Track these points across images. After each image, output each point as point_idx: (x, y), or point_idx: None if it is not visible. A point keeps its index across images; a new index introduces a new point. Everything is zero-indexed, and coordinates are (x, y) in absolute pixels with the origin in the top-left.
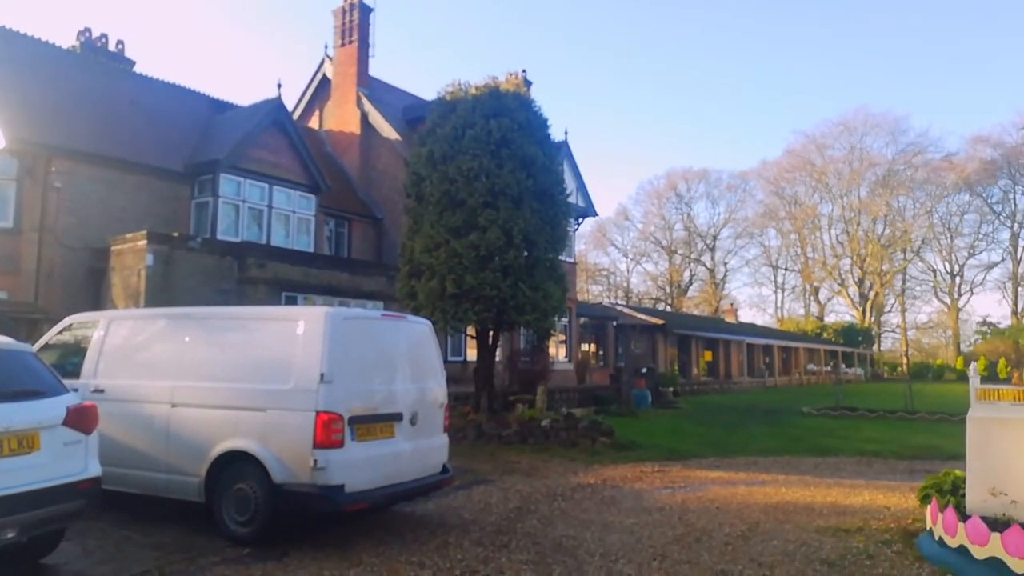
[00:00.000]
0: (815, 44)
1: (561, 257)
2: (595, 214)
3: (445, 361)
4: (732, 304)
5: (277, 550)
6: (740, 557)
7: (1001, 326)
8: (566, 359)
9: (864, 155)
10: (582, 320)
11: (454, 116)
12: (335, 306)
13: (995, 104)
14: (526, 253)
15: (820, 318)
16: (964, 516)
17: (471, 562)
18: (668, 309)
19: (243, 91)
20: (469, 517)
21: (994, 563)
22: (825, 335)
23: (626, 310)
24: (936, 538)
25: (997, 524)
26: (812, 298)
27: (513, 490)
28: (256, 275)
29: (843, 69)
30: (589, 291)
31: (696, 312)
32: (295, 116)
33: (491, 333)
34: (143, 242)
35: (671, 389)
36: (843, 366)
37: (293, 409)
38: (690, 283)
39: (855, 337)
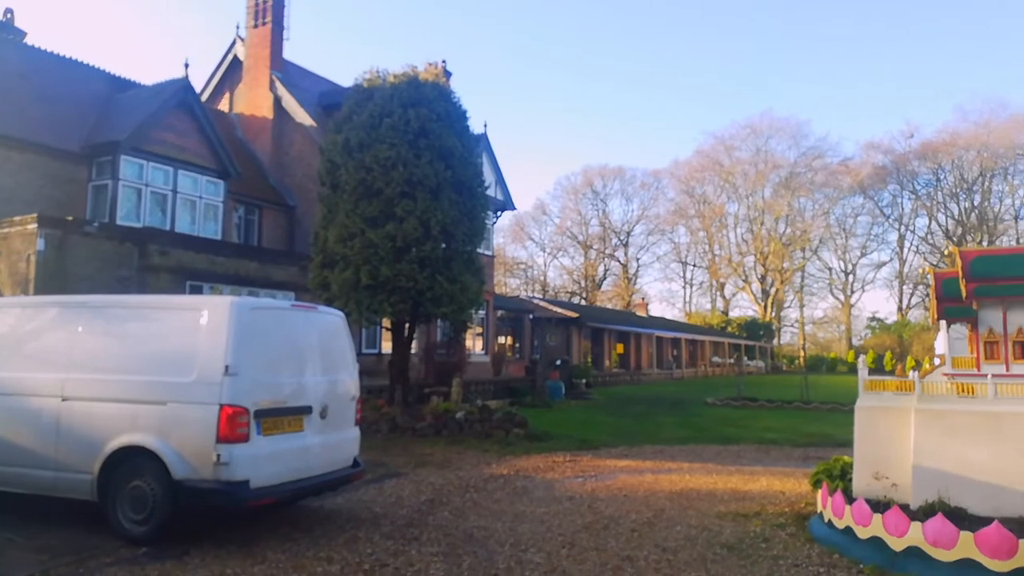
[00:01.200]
0: (727, 48)
1: (479, 250)
2: (513, 208)
3: (359, 353)
4: (643, 298)
5: (176, 549)
6: (645, 543)
7: (888, 322)
8: (483, 351)
9: (768, 157)
10: (499, 313)
11: (371, 104)
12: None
13: (888, 113)
14: (444, 245)
15: (725, 313)
16: (851, 499)
17: (381, 556)
18: (583, 303)
19: (146, 70)
20: (380, 511)
21: (875, 542)
22: (729, 329)
23: (543, 303)
24: (826, 520)
25: (879, 506)
26: (718, 293)
27: (426, 483)
28: (159, 263)
29: (753, 73)
30: (507, 284)
31: (609, 306)
32: (203, 98)
33: (407, 325)
34: (33, 226)
35: (584, 381)
36: (745, 358)
37: (195, 402)
38: (604, 277)
39: (757, 331)
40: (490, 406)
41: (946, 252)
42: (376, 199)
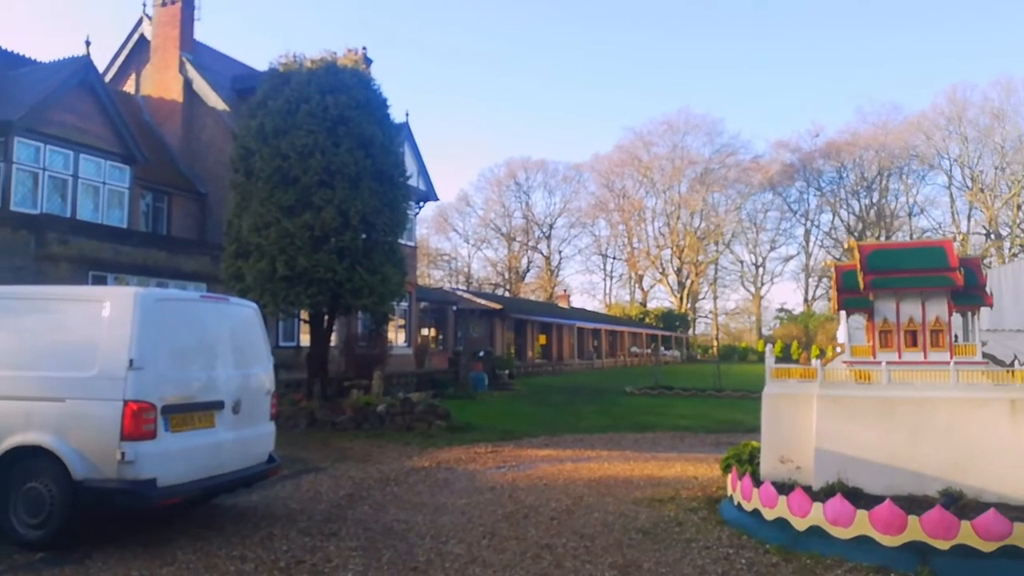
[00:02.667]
0: (646, 44)
1: (401, 240)
2: (436, 198)
3: (276, 346)
4: (565, 290)
5: (77, 552)
6: (564, 530)
7: (795, 313)
8: (405, 344)
9: (685, 153)
10: (422, 304)
11: (288, 89)
12: (150, 287)
13: (796, 113)
14: (364, 235)
15: (643, 304)
16: (758, 483)
17: (297, 552)
18: (507, 294)
19: (40, 48)
20: (297, 507)
21: (780, 522)
22: (647, 320)
23: (466, 295)
24: (735, 504)
25: (785, 488)
26: (637, 285)
27: (345, 477)
28: (58, 252)
29: (670, 71)
30: (430, 276)
31: (533, 297)
32: (107, 78)
33: (326, 317)
34: None
35: (507, 372)
36: (662, 348)
37: (97, 398)
38: (527, 269)
39: (673, 322)
40: (412, 398)
41: (846, 246)
42: (293, 187)
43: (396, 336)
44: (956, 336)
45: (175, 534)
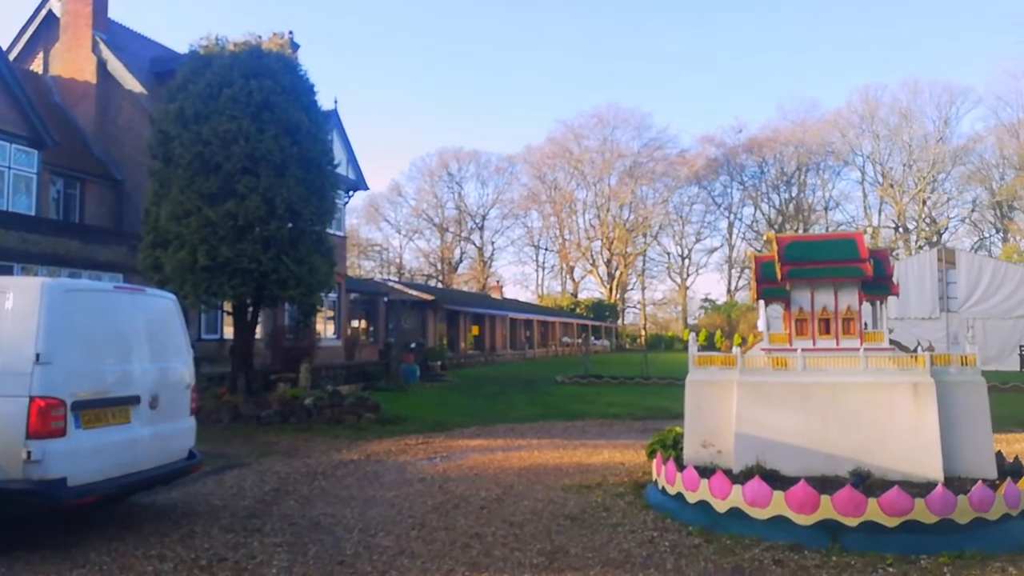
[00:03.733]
0: (578, 38)
1: (329, 230)
2: (366, 188)
3: (198, 339)
4: (498, 281)
5: None
6: (494, 519)
7: (719, 303)
8: (335, 336)
9: (614, 147)
10: (352, 296)
11: (209, 72)
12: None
13: (722, 108)
14: (290, 224)
15: (574, 295)
16: (682, 467)
17: (219, 550)
18: (439, 285)
19: None
20: (220, 503)
21: (703, 505)
22: (578, 310)
23: (398, 286)
24: (660, 488)
25: (707, 472)
26: (568, 276)
27: (270, 472)
28: None
29: (600, 64)
30: (361, 267)
31: (465, 288)
32: (11, 56)
33: (250, 309)
34: None
35: (439, 363)
36: (592, 338)
37: (0, 395)
38: (460, 260)
39: (603, 312)
40: (341, 391)
41: (765, 238)
42: (215, 175)
43: (325, 328)
44: (866, 324)
45: (89, 535)
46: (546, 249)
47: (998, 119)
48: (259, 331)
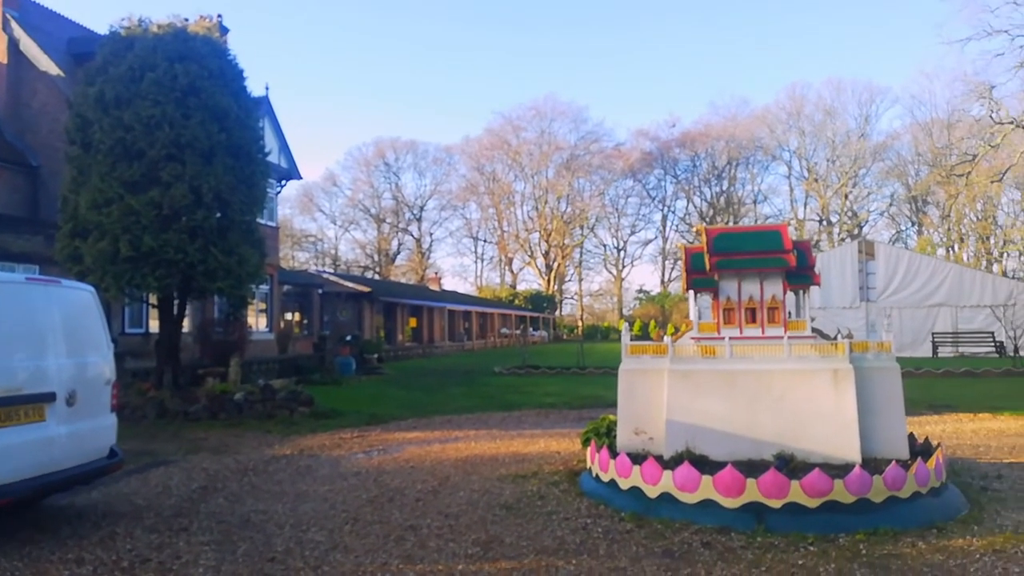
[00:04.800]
0: (515, 29)
1: (261, 220)
2: (299, 177)
3: (122, 333)
4: (437, 273)
5: None
6: (429, 511)
7: (653, 293)
8: (267, 329)
9: (552, 139)
10: (285, 288)
11: (131, 55)
12: None
13: (657, 102)
14: (218, 214)
15: (513, 286)
16: (615, 454)
17: (143, 551)
18: (377, 277)
19: None
20: (143, 503)
21: (635, 491)
22: (517, 302)
23: (333, 278)
24: (594, 475)
25: (639, 458)
26: (507, 268)
27: (198, 469)
28: None
29: (538, 56)
30: (295, 258)
31: (403, 280)
32: None
33: (176, 301)
34: None
35: (376, 356)
36: (531, 329)
37: None
38: (398, 252)
39: (541, 303)
40: (274, 385)
41: (694, 230)
42: (138, 161)
43: (257, 321)
44: (790, 313)
45: (1, 539)
46: (485, 241)
47: (913, 118)
48: (187, 324)
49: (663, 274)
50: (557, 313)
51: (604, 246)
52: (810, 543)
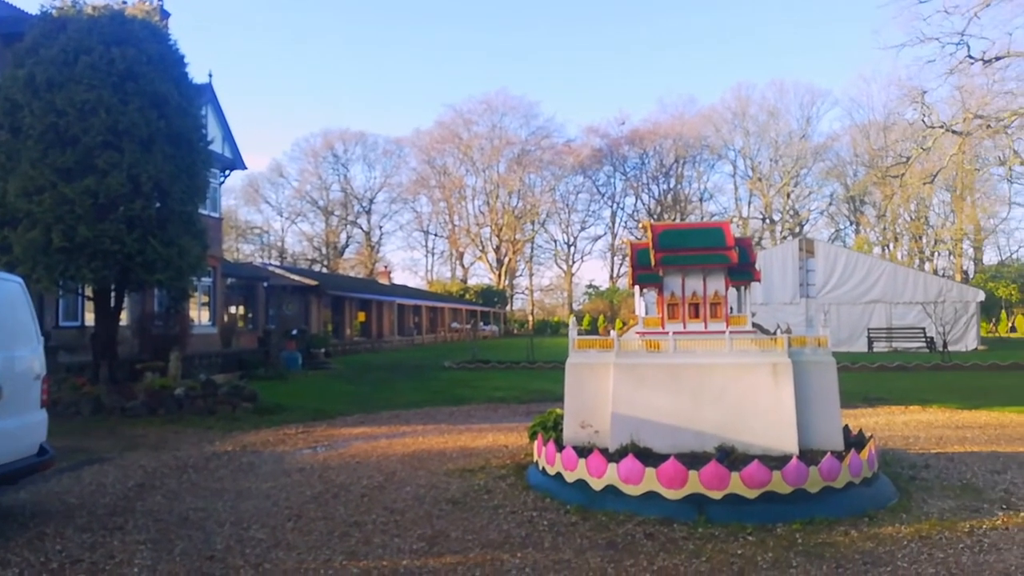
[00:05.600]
0: (466, 23)
1: (203, 211)
2: (244, 167)
3: (56, 327)
4: (387, 266)
5: None
6: (375, 507)
7: (602, 289)
8: (210, 322)
9: (503, 134)
10: (229, 280)
11: (64, 36)
12: None
13: (607, 100)
14: (158, 203)
15: (464, 281)
16: (561, 447)
17: (74, 551)
18: (325, 270)
19: None
20: (76, 501)
21: (580, 484)
22: (467, 296)
23: (279, 271)
24: (540, 469)
25: (584, 452)
26: (458, 262)
27: (135, 466)
28: None
29: (489, 50)
30: (239, 250)
31: (352, 274)
32: None
33: (113, 294)
34: None
35: (323, 350)
36: (481, 324)
37: None
38: (347, 245)
39: (492, 298)
40: (216, 380)
41: (640, 226)
42: (72, 148)
43: (199, 314)
44: (731, 308)
45: None
46: (435, 235)
47: (852, 120)
48: (125, 317)
49: (612, 270)
50: (508, 308)
51: (555, 241)
52: (749, 533)
